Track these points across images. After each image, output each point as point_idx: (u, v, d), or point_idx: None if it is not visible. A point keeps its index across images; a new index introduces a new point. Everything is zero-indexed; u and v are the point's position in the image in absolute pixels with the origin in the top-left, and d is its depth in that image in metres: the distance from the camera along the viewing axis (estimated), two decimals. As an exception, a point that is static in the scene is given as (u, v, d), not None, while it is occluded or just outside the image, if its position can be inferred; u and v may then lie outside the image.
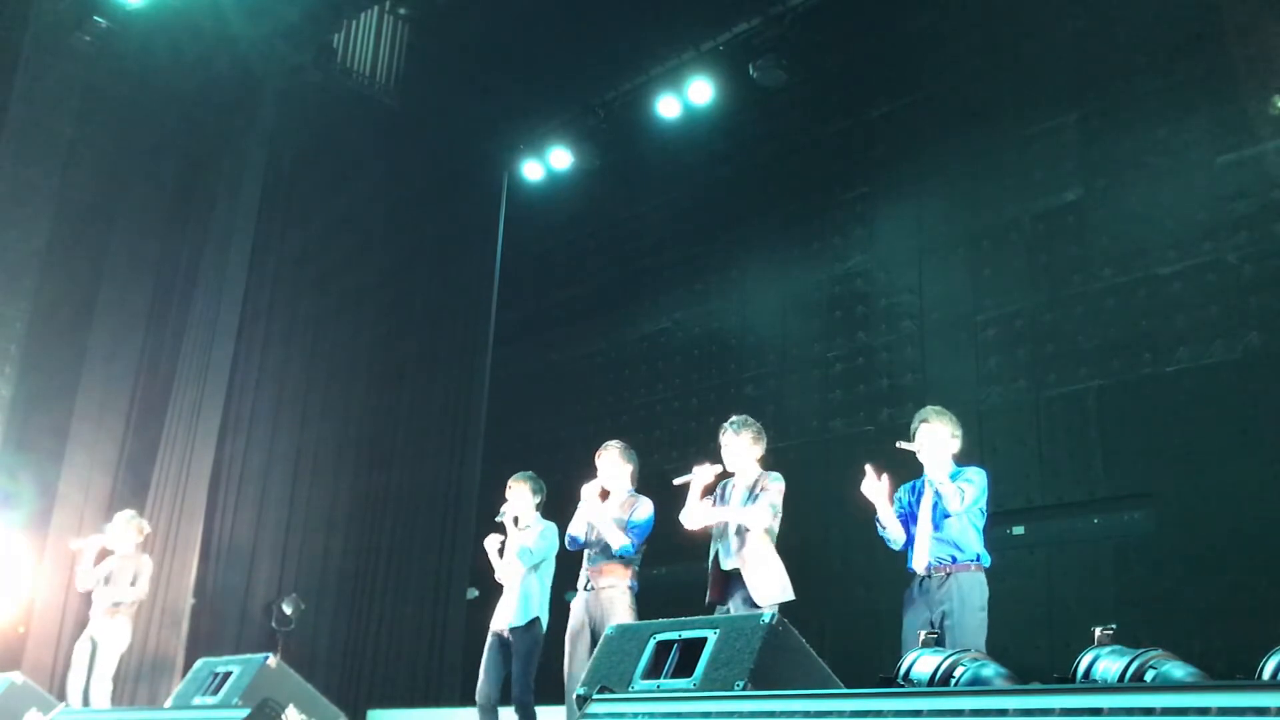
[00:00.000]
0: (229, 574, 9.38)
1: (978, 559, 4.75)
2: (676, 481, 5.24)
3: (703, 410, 10.07)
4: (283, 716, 4.17)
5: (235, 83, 9.70)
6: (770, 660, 3.26)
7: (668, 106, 10.29)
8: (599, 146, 10.95)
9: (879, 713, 2.53)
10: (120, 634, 7.45)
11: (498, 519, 5.85)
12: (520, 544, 5.76)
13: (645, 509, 5.48)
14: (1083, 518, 7.71)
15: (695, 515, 5.17)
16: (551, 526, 5.86)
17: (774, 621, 3.36)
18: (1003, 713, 2.31)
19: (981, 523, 4.84)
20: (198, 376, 9.15)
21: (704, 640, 3.46)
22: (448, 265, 11.32)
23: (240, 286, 9.54)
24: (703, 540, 5.25)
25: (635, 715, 3.19)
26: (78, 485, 8.88)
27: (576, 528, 5.50)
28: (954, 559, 4.74)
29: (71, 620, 8.54)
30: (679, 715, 3.09)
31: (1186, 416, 7.23)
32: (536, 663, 5.66)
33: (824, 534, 8.60)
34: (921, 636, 3.36)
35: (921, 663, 2.98)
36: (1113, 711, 2.12)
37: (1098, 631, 3.02)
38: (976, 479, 4.84)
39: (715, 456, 5.26)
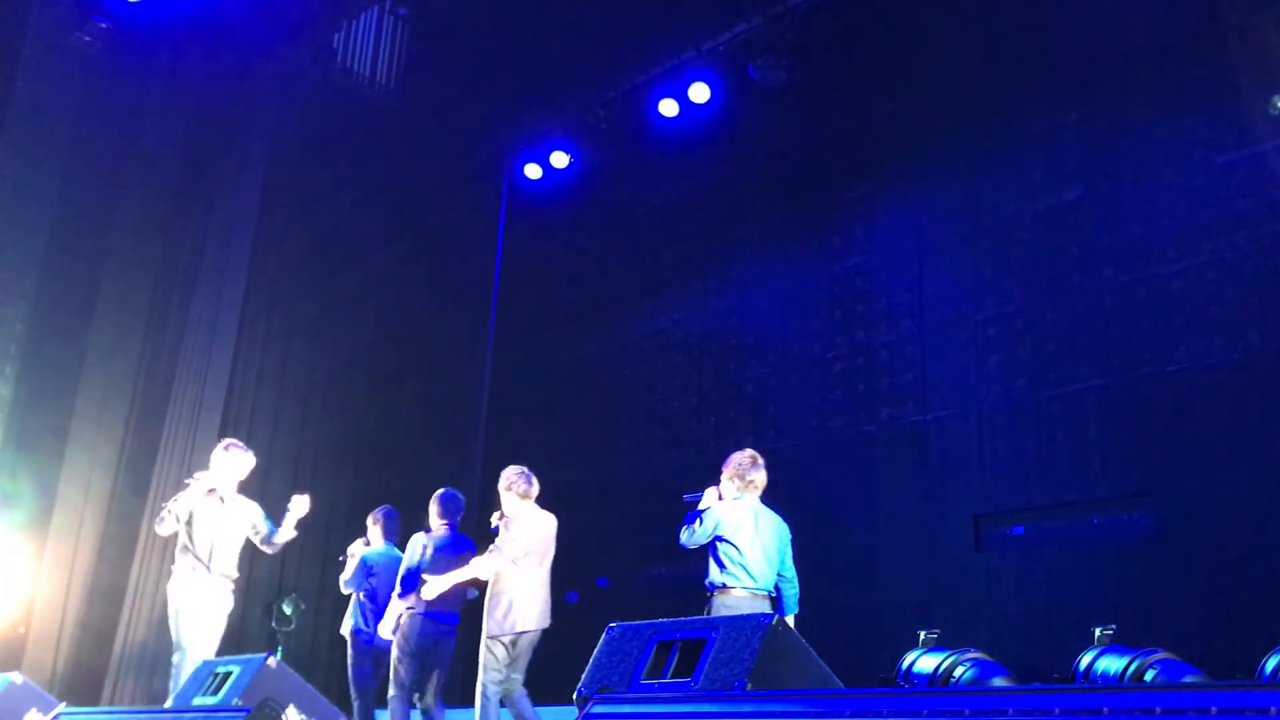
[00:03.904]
0: (229, 574, 9.37)
1: (721, 586, 5.21)
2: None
3: (703, 410, 10.06)
4: (283, 716, 4.17)
5: (235, 83, 9.70)
6: (770, 660, 3.26)
7: (668, 106, 10.28)
8: (599, 146, 10.94)
9: (879, 713, 2.53)
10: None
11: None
12: None
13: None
14: (1083, 518, 7.71)
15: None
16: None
17: (774, 622, 3.36)
18: (1003, 713, 2.31)
19: (723, 550, 5.27)
20: (198, 376, 9.15)
21: (704, 640, 3.46)
22: (448, 265, 11.31)
23: (240, 286, 9.54)
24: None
25: (635, 715, 3.19)
26: (78, 485, 8.88)
27: None
28: (710, 585, 5.28)
29: (71, 620, 8.53)
30: (679, 715, 3.09)
31: (1186, 416, 7.23)
32: (352, 670, 6.85)
33: (823, 533, 8.59)
34: (922, 636, 3.37)
35: (921, 663, 2.98)
36: (1113, 711, 2.12)
37: (1098, 631, 3.03)
38: (700, 517, 5.37)
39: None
